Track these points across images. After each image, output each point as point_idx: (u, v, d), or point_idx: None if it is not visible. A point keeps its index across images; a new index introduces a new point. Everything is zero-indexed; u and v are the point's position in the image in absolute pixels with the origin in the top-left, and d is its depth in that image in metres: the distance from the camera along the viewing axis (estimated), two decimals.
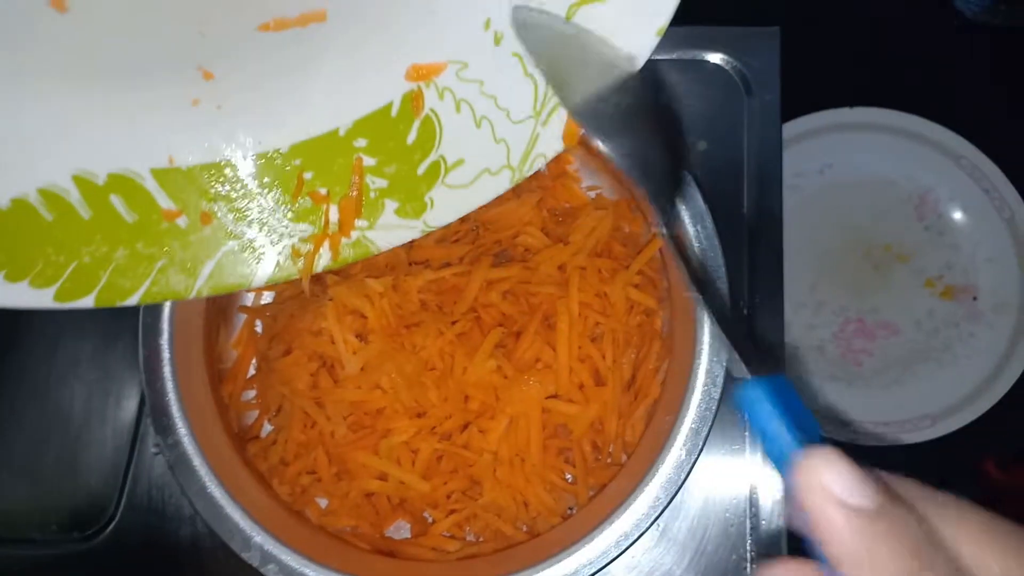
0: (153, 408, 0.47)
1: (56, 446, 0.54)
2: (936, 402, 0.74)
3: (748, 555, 0.49)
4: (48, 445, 0.54)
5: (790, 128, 0.77)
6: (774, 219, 0.54)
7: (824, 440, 0.23)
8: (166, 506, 0.52)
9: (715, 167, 0.54)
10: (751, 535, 0.49)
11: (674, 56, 0.56)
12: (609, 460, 0.51)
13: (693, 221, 0.49)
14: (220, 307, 0.54)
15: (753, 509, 0.49)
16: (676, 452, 0.46)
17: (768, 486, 0.50)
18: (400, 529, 0.52)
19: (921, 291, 0.78)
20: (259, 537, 0.46)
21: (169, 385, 0.48)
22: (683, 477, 0.45)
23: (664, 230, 0.35)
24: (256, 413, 0.54)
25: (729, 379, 0.47)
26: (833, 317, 0.78)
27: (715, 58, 0.56)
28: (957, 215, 0.78)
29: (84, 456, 0.54)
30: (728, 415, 0.50)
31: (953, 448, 0.74)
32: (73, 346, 0.55)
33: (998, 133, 0.77)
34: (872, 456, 0.74)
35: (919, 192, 0.79)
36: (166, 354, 0.48)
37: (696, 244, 0.49)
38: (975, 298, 0.77)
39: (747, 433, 0.51)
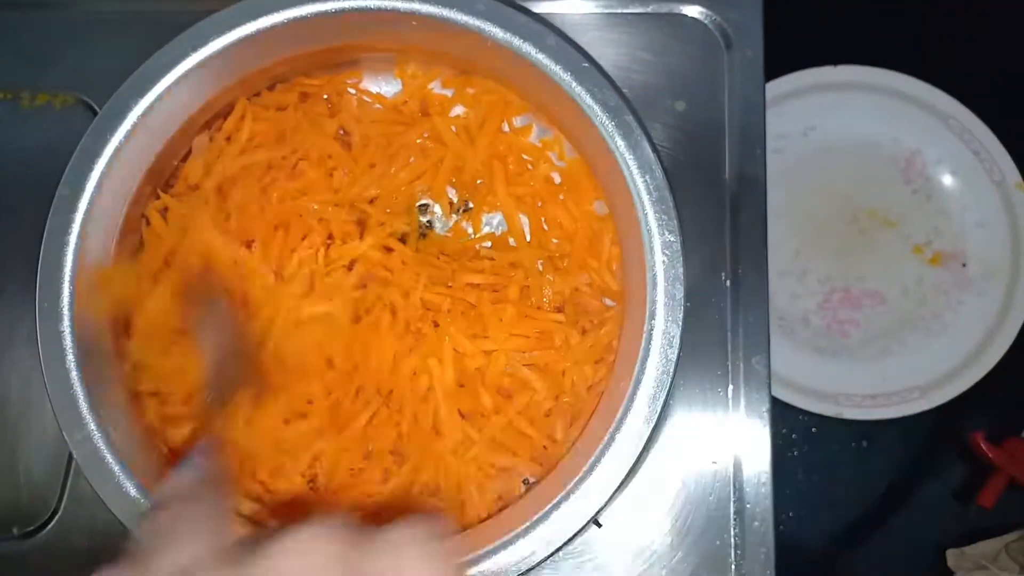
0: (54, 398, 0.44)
1: None
2: (925, 373, 0.72)
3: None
4: None
5: (771, 88, 0.74)
6: (758, 184, 0.51)
7: None
8: None
9: (694, 129, 0.51)
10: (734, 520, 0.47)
11: (649, 9, 0.52)
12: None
13: (641, 172, 0.45)
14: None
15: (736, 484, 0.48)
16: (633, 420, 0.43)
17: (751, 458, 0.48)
18: None
19: (909, 258, 0.75)
20: None
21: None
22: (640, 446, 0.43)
23: None
24: None
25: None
26: (818, 286, 0.75)
27: (693, 11, 0.52)
28: (946, 178, 0.75)
29: (22, 447, 0.50)
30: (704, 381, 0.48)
31: (943, 421, 0.72)
32: (6, 330, 0.51)
33: (988, 92, 0.74)
34: (860, 431, 0.72)
35: (906, 155, 0.76)
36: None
37: (646, 196, 0.44)
38: (964, 264, 0.74)
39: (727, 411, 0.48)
